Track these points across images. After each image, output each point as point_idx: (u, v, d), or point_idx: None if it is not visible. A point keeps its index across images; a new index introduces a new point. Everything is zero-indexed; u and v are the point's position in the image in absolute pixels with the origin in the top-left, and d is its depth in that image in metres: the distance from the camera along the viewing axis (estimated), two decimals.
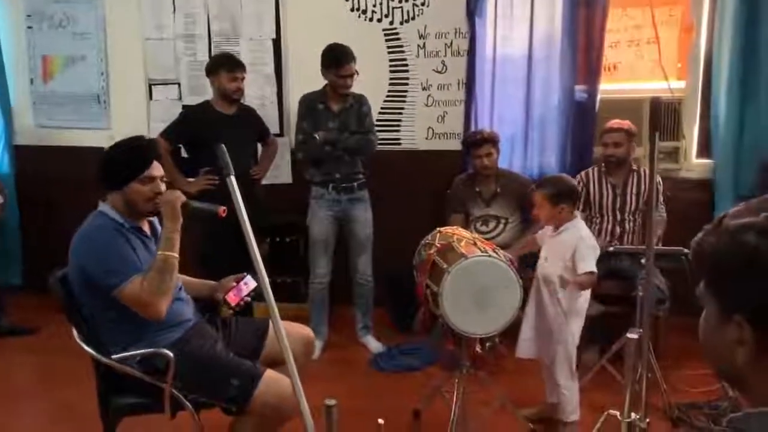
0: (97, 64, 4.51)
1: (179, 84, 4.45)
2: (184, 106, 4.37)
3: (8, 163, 4.58)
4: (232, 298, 2.32)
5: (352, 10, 4.22)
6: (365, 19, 4.23)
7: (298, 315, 3.44)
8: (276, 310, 1.55)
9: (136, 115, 4.51)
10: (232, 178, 1.65)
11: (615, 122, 3.58)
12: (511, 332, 2.66)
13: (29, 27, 4.53)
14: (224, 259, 2.81)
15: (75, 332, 2.19)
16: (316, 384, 2.18)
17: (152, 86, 4.48)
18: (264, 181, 3.97)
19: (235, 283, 2.36)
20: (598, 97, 3.93)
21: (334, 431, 1.35)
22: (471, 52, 4.08)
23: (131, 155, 2.21)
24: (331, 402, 1.37)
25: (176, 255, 2.10)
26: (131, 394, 2.18)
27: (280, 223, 4.17)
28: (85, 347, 2.15)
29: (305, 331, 2.54)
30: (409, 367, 3.54)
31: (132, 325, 2.14)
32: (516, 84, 4.08)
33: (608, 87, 4.03)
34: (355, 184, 3.66)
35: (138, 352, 2.12)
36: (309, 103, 3.61)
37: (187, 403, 2.12)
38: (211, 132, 3.40)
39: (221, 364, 2.14)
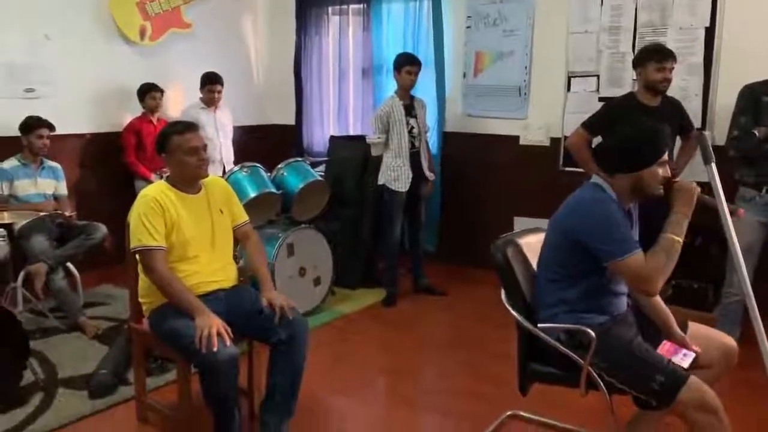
0: (522, 58, 4.86)
1: (598, 76, 4.51)
2: (600, 98, 4.42)
3: (437, 146, 5.27)
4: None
5: None
6: None
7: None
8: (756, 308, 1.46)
9: (552, 105, 4.73)
10: (713, 165, 1.61)
11: None
12: None
13: (467, 27, 5.11)
14: None
15: (504, 297, 2.42)
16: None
17: (571, 78, 4.63)
18: None
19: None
20: None
21: None
22: None
23: (653, 140, 2.19)
24: None
25: (681, 240, 2.13)
26: (549, 362, 2.32)
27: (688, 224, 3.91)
28: (513, 312, 2.36)
29: (726, 339, 2.38)
30: None
31: (575, 296, 2.26)
32: None
33: None
34: None
35: (562, 325, 2.25)
36: (752, 94, 3.27)
37: (602, 385, 2.17)
38: None
39: (650, 357, 2.14)
